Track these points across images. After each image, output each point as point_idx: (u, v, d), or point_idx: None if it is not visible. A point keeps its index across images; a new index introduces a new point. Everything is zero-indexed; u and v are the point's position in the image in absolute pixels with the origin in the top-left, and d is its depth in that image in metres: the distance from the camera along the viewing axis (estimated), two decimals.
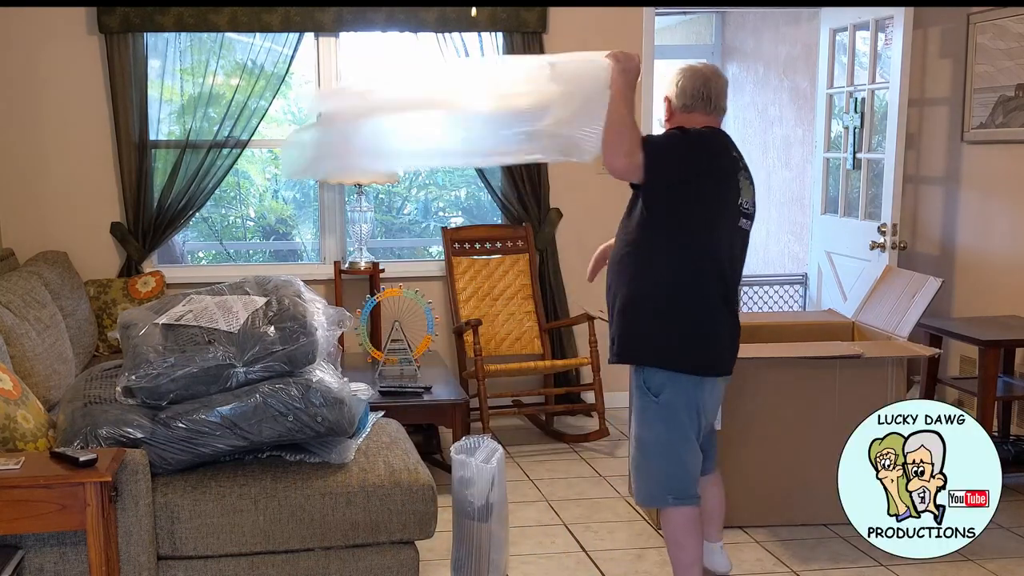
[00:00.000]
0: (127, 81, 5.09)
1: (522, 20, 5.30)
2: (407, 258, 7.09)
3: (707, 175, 3.02)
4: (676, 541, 3.15)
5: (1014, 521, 4.01)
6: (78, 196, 5.24)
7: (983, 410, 4.27)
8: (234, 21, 5.11)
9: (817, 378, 3.90)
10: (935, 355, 4.17)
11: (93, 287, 5.03)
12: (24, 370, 3.65)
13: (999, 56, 4.99)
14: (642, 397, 3.11)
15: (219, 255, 7.54)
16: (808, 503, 3.94)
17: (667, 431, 3.09)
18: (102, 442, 2.85)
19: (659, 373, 3.07)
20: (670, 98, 3.14)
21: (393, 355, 4.72)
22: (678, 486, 3.12)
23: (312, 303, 3.20)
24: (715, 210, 3.04)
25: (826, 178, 5.92)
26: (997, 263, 5.08)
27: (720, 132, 3.15)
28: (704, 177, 3.01)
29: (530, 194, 5.44)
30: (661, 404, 3.08)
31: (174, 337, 3.01)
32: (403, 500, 3.04)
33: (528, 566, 3.66)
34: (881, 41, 5.40)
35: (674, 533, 3.15)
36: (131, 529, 2.82)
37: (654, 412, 3.09)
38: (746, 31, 7.92)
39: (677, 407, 3.08)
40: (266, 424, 2.96)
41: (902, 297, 4.33)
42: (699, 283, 3.04)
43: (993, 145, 5.10)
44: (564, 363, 5.19)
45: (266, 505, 2.96)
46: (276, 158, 7.64)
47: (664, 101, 3.17)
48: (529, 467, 4.77)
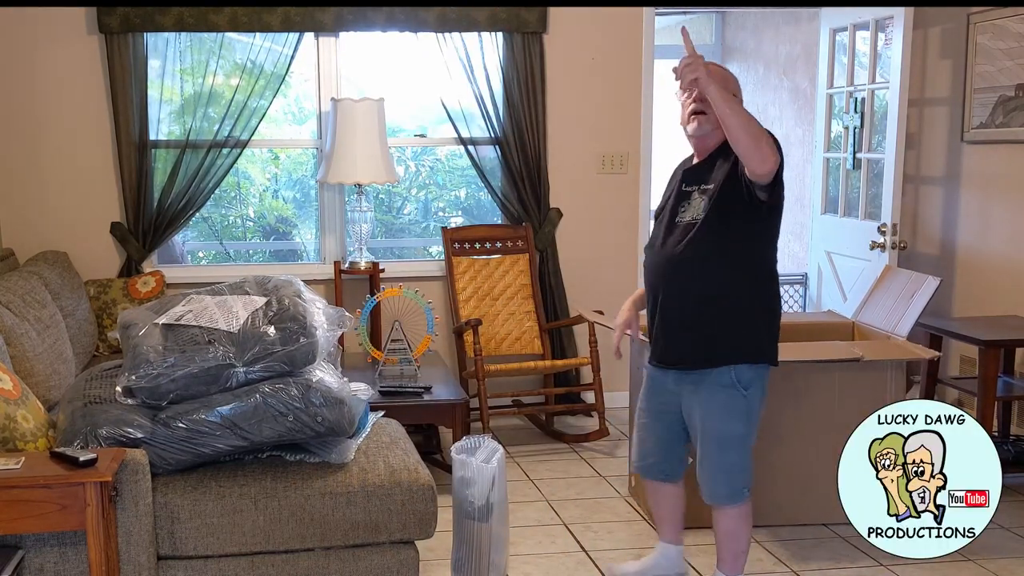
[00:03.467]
0: (127, 81, 5.09)
1: (522, 20, 5.30)
2: (407, 258, 7.09)
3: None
4: (736, 533, 3.22)
5: (1014, 521, 4.01)
6: (78, 196, 5.24)
7: (983, 410, 4.27)
8: (234, 21, 5.11)
9: (817, 379, 3.91)
10: (934, 358, 4.17)
11: (93, 287, 5.03)
12: (24, 370, 3.65)
13: (999, 56, 4.99)
14: (732, 393, 3.10)
15: (219, 255, 7.53)
16: (808, 503, 3.94)
17: (750, 425, 3.17)
18: (102, 442, 2.85)
19: (750, 368, 3.10)
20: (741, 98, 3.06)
21: (393, 355, 4.72)
22: (751, 478, 3.22)
23: (312, 303, 3.20)
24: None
25: (826, 178, 5.92)
26: (997, 263, 5.07)
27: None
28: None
29: (530, 194, 5.44)
30: (748, 398, 3.12)
31: (174, 337, 3.01)
32: (403, 500, 3.04)
33: (528, 566, 3.66)
34: (881, 41, 5.40)
35: (737, 525, 3.21)
36: (131, 529, 2.82)
37: (743, 407, 3.12)
38: (746, 31, 7.93)
39: (758, 400, 3.17)
40: (266, 424, 2.96)
41: (901, 297, 4.33)
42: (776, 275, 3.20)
43: (993, 145, 5.10)
44: (564, 363, 5.19)
45: (266, 505, 2.96)
46: (276, 158, 7.65)
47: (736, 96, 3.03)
48: (529, 467, 4.77)
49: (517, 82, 5.34)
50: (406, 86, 6.21)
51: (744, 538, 3.24)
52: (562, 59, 5.46)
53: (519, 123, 5.36)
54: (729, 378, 3.09)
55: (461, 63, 5.32)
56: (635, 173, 5.63)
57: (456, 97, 5.37)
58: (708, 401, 3.14)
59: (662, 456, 3.35)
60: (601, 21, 5.50)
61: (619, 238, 5.62)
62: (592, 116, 5.56)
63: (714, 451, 3.17)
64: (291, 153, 7.65)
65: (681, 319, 3.13)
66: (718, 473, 3.19)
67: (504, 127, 5.37)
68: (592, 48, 5.51)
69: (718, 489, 3.21)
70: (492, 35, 5.34)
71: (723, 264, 3.06)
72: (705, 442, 3.18)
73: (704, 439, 3.18)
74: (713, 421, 3.14)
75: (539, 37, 5.37)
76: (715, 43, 8.23)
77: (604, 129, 5.59)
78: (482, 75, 5.34)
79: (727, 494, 3.20)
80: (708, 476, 3.20)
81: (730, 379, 3.10)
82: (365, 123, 5.11)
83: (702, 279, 3.08)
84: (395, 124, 6.24)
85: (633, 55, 5.54)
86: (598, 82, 5.52)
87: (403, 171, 7.57)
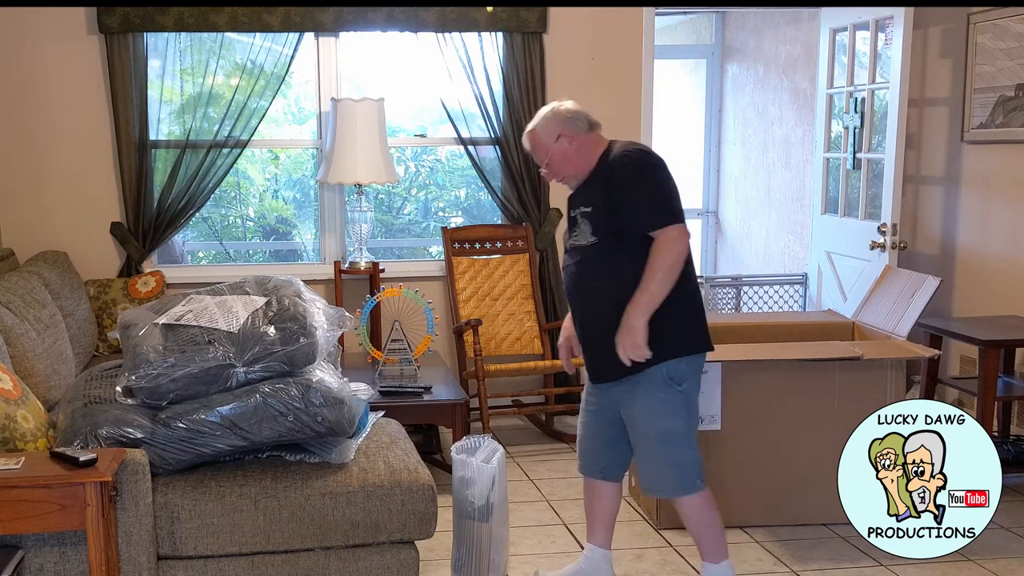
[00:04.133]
0: (127, 81, 5.09)
1: (522, 20, 5.30)
2: (407, 258, 7.09)
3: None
4: (705, 521, 3.23)
5: (1014, 521, 4.01)
6: (78, 196, 5.24)
7: (983, 410, 4.27)
8: (234, 21, 5.11)
9: (817, 379, 3.90)
10: (935, 356, 4.18)
11: (93, 287, 5.03)
12: (24, 370, 3.65)
13: (999, 56, 5.00)
14: (667, 390, 3.11)
15: (219, 255, 7.53)
16: (808, 503, 3.95)
17: (691, 418, 3.19)
18: (102, 442, 2.85)
19: (680, 361, 3.11)
20: (568, 133, 3.15)
21: (393, 355, 4.72)
22: (700, 470, 3.22)
23: (312, 303, 3.20)
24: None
25: (826, 178, 5.93)
26: (997, 263, 5.08)
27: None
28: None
29: (530, 194, 5.44)
30: (684, 392, 3.13)
31: (174, 337, 3.01)
32: (403, 500, 3.04)
33: (528, 566, 3.66)
34: (881, 41, 5.40)
35: (702, 514, 3.22)
36: (131, 529, 2.82)
37: (681, 402, 3.13)
38: (746, 31, 7.93)
39: (694, 391, 3.19)
40: (266, 424, 2.96)
41: (901, 297, 4.34)
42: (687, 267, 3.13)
43: (993, 145, 5.10)
44: None
45: (266, 505, 2.96)
46: (276, 158, 7.65)
47: (561, 139, 3.15)
48: (529, 467, 4.77)
49: (517, 82, 5.34)
50: (406, 86, 6.22)
51: (716, 523, 3.25)
52: (562, 59, 5.46)
53: (519, 123, 5.35)
54: (661, 376, 3.11)
55: (461, 63, 5.32)
56: None
57: (456, 97, 5.37)
58: (645, 401, 3.15)
59: (599, 453, 3.36)
60: (601, 21, 5.50)
61: None
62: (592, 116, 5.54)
63: (658, 449, 3.19)
64: (291, 153, 7.65)
65: (598, 338, 3.15)
66: (667, 469, 3.20)
67: (504, 127, 5.37)
68: (592, 48, 5.51)
69: (671, 484, 3.23)
70: (492, 35, 5.34)
71: (622, 277, 3.06)
72: (647, 441, 3.19)
73: (646, 438, 3.19)
74: (653, 420, 3.16)
75: (539, 37, 5.37)
76: (715, 43, 8.23)
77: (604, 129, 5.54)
78: (482, 75, 5.34)
79: (682, 487, 3.21)
80: (656, 474, 3.23)
81: (662, 377, 3.11)
82: (365, 123, 5.11)
83: (606, 297, 3.10)
84: (395, 124, 6.24)
85: (633, 55, 5.54)
86: (598, 82, 5.52)
87: (403, 171, 7.58)
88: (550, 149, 3.14)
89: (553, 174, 3.22)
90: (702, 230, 8.42)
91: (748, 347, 4.07)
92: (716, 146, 8.20)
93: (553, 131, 3.15)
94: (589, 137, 3.18)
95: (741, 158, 7.90)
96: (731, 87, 8.08)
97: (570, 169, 3.17)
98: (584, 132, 3.16)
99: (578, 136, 3.15)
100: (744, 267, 7.79)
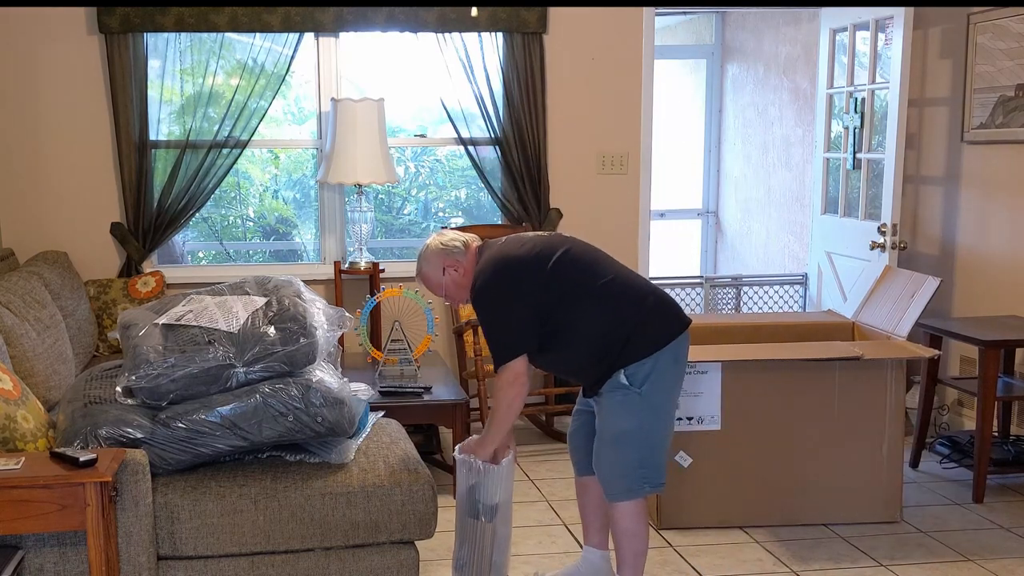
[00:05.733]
0: (127, 81, 5.09)
1: (522, 20, 5.30)
2: (407, 258, 7.07)
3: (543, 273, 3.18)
4: (635, 531, 3.21)
5: (1014, 521, 4.01)
6: (78, 196, 5.24)
7: (983, 410, 4.27)
8: (234, 21, 5.11)
9: (817, 379, 3.91)
10: (935, 356, 4.18)
11: (93, 287, 5.03)
12: (24, 370, 3.65)
13: (999, 56, 5.00)
14: (625, 392, 3.14)
15: (219, 255, 7.53)
16: (808, 503, 3.95)
17: (653, 420, 3.18)
18: (102, 442, 2.85)
19: (638, 366, 3.12)
20: (450, 264, 3.29)
21: (393, 355, 4.72)
22: (656, 475, 3.21)
23: (312, 303, 3.20)
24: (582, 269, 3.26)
25: (826, 178, 5.92)
26: (997, 263, 5.08)
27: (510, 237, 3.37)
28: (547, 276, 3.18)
29: (530, 194, 5.44)
30: (645, 394, 3.13)
31: (174, 337, 3.01)
32: (403, 500, 3.04)
33: (528, 566, 3.66)
34: (881, 41, 5.40)
35: (635, 524, 3.21)
36: (131, 529, 2.82)
37: (638, 403, 3.14)
38: (746, 31, 7.92)
39: (661, 391, 3.18)
40: (266, 424, 2.96)
41: (901, 297, 4.34)
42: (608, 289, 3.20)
43: (993, 145, 5.10)
44: None
45: (266, 505, 2.96)
46: (276, 158, 7.65)
47: (447, 271, 3.29)
48: (529, 467, 4.77)
49: (517, 82, 5.34)
50: (406, 86, 6.21)
51: (643, 537, 3.22)
52: (562, 59, 5.46)
53: (519, 123, 5.36)
54: (620, 379, 3.14)
55: (461, 63, 5.32)
56: (635, 173, 5.63)
57: (456, 97, 5.37)
58: (607, 403, 3.20)
59: (587, 451, 3.38)
60: (601, 21, 5.50)
61: (619, 238, 5.61)
62: (592, 116, 5.56)
63: (609, 450, 3.20)
64: (291, 153, 7.64)
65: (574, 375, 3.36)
66: (614, 469, 3.21)
67: (504, 127, 5.38)
68: (592, 48, 5.51)
69: (615, 485, 3.22)
70: (492, 35, 5.34)
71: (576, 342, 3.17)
72: (600, 442, 3.23)
73: (600, 438, 3.23)
74: (609, 420, 3.19)
75: (539, 37, 5.37)
76: (715, 43, 8.23)
77: (604, 129, 5.59)
78: (482, 75, 5.34)
79: (623, 490, 3.21)
80: (605, 474, 3.24)
81: (620, 382, 3.14)
82: (365, 123, 5.11)
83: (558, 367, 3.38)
84: (395, 124, 6.24)
85: (633, 55, 5.54)
86: (598, 82, 5.52)
87: (403, 171, 7.57)
88: (442, 283, 3.31)
89: (456, 301, 3.40)
90: (702, 230, 8.41)
91: (748, 347, 4.07)
92: (716, 146, 8.19)
93: (438, 265, 3.32)
94: (469, 258, 3.31)
95: (741, 158, 7.90)
96: (731, 87, 8.08)
97: (465, 293, 3.33)
98: (463, 256, 3.30)
99: (460, 263, 3.30)
100: (744, 267, 7.79)
